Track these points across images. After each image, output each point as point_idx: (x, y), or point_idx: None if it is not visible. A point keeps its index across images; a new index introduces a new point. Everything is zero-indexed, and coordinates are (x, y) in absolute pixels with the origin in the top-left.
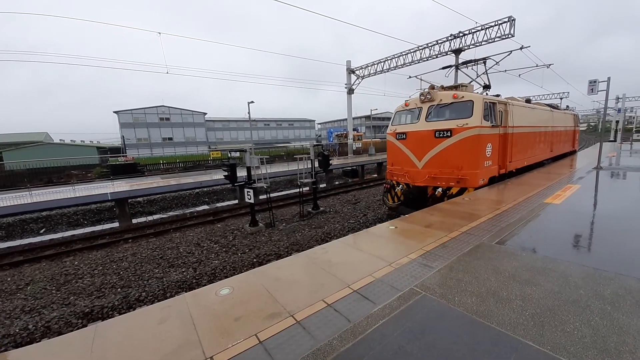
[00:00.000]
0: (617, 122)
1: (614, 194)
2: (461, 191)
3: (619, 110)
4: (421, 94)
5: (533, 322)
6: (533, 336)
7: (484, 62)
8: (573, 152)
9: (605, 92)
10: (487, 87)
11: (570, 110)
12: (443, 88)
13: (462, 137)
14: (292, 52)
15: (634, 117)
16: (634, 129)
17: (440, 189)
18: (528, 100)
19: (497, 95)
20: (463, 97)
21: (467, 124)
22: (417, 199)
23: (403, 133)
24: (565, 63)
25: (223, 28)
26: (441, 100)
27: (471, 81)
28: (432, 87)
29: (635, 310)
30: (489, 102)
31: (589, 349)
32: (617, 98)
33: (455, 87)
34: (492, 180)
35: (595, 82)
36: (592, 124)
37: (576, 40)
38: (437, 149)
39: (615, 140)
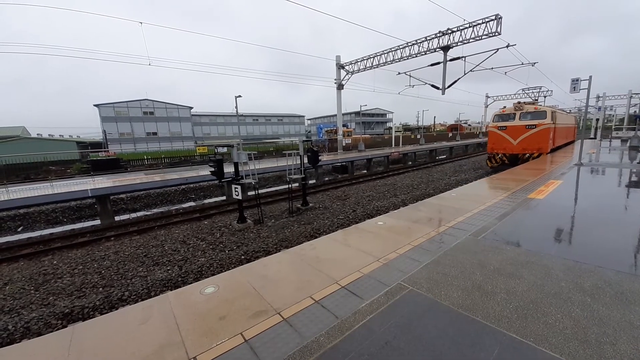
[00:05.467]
0: (597, 120)
1: (594, 189)
2: (539, 155)
3: (599, 109)
4: (515, 106)
5: (516, 314)
6: (516, 328)
7: (539, 88)
8: (573, 141)
9: (586, 90)
10: (536, 100)
11: (573, 113)
12: (526, 103)
13: (541, 129)
14: (273, 48)
15: (613, 115)
16: (613, 127)
17: (527, 154)
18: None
19: (540, 104)
20: (540, 108)
21: (543, 122)
22: (511, 161)
23: (504, 126)
24: (545, 63)
25: (197, 19)
26: (527, 109)
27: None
28: (519, 102)
29: (614, 301)
30: (551, 111)
31: (570, 340)
32: (598, 97)
33: (532, 103)
34: (552, 151)
35: (577, 80)
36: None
37: (551, 40)
38: (526, 134)
39: (595, 138)
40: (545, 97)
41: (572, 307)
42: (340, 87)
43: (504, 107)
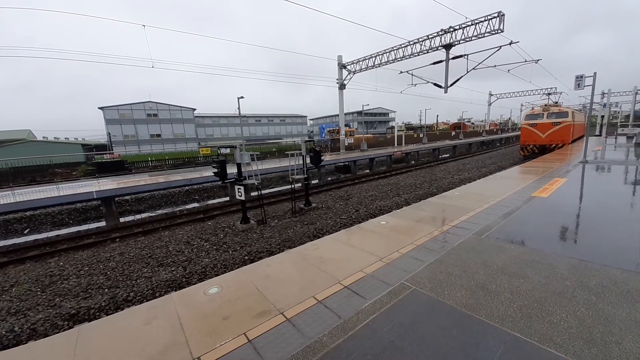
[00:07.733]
0: (603, 116)
1: (599, 186)
2: (562, 145)
3: (605, 105)
4: (543, 108)
5: (521, 314)
6: (521, 328)
7: (560, 94)
8: (583, 136)
9: (591, 87)
10: (556, 103)
11: (582, 111)
12: (551, 106)
13: (564, 125)
14: (275, 49)
15: (618, 112)
16: (619, 124)
17: (553, 145)
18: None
19: (559, 105)
20: (563, 109)
21: (566, 120)
22: (540, 150)
23: (534, 123)
24: (548, 59)
25: (200, 23)
26: (552, 110)
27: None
28: (546, 105)
29: (619, 300)
30: (571, 111)
31: (575, 340)
32: (603, 93)
33: (555, 105)
34: (572, 142)
35: (581, 77)
36: None
37: (553, 37)
38: (552, 129)
39: (600, 135)
40: (549, 94)
41: (577, 306)
42: (342, 86)
43: (533, 108)
